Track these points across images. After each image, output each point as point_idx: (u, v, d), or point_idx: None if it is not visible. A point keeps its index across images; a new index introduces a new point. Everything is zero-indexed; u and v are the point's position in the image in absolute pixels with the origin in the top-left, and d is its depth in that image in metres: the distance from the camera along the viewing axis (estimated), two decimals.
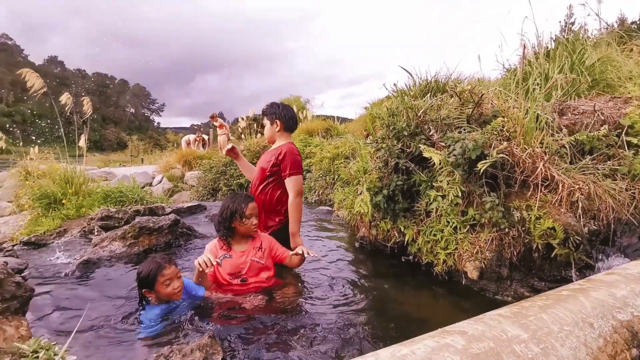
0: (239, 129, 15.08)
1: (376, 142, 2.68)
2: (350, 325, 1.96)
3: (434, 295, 2.43)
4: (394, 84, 2.71)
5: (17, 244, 4.31)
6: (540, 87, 3.08)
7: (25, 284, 1.83)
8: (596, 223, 2.30)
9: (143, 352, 1.71)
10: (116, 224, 4.29)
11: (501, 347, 0.86)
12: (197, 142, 15.03)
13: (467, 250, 2.34)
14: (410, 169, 2.57)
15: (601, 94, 3.40)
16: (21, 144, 9.77)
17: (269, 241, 2.49)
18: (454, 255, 2.42)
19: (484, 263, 2.30)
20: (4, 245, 4.23)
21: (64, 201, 5.84)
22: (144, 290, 1.96)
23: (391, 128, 2.60)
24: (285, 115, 2.72)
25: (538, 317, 1.01)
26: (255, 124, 14.95)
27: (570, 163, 2.57)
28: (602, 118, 2.77)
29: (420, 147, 2.43)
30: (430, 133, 2.50)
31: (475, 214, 2.31)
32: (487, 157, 2.19)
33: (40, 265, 3.08)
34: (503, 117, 2.36)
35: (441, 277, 2.54)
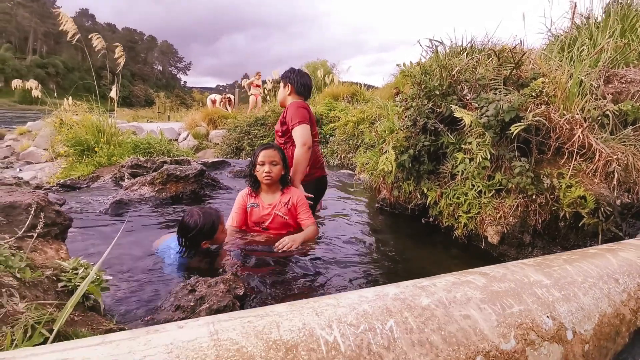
0: (265, 91, 15.00)
1: (405, 101, 2.60)
2: (367, 275, 2.01)
3: (452, 257, 2.45)
4: (430, 40, 2.57)
5: (54, 186, 4.54)
6: (587, 52, 2.88)
7: (64, 213, 1.94)
8: (630, 196, 2.21)
9: (170, 281, 1.81)
10: (144, 173, 4.45)
11: (522, 288, 0.86)
12: (222, 102, 15.07)
13: (490, 214, 2.31)
14: (439, 129, 2.51)
15: None
16: (55, 94, 10.07)
17: (297, 199, 2.43)
18: (475, 219, 2.40)
19: (506, 228, 2.27)
20: (43, 186, 4.49)
21: (96, 149, 6.07)
22: (204, 242, 2.01)
23: (423, 87, 2.51)
24: (297, 81, 2.75)
25: (562, 267, 1.00)
26: (265, 89, 14.86)
27: (611, 133, 2.44)
28: None
29: (451, 107, 2.36)
30: (464, 93, 2.40)
31: (502, 179, 2.26)
32: (522, 121, 2.11)
33: (76, 203, 3.26)
34: (544, 79, 2.23)
35: (460, 241, 2.54)
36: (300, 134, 2.48)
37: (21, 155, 11.07)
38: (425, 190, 2.64)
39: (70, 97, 9.71)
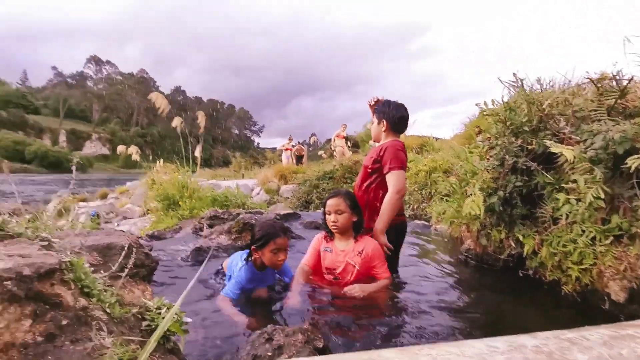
0: (332, 147, 15.53)
1: (489, 140, 2.42)
2: (459, 327, 1.74)
3: (562, 317, 2.04)
4: (514, 74, 2.42)
5: (143, 237, 4.95)
6: None
7: (152, 256, 2.04)
8: None
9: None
10: (222, 223, 4.66)
11: None
12: (296, 151, 15.86)
13: (610, 266, 1.92)
14: (532, 169, 2.25)
15: None
16: (151, 158, 11.49)
17: (372, 249, 2.24)
18: (591, 272, 2.01)
19: (635, 283, 1.85)
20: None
21: (180, 203, 6.60)
22: (253, 247, 2.05)
23: (508, 124, 2.33)
24: (393, 116, 2.54)
25: None
26: (348, 142, 15.32)
27: None
28: None
29: (546, 142, 2.12)
30: (560, 126, 2.16)
31: (622, 222, 1.90)
32: None
33: (160, 251, 3.46)
34: None
35: (572, 298, 2.13)
36: (397, 180, 2.32)
37: (120, 212, 12.49)
38: (521, 238, 2.32)
39: (162, 160, 10.96)
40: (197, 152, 7.39)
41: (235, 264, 2.13)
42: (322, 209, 2.34)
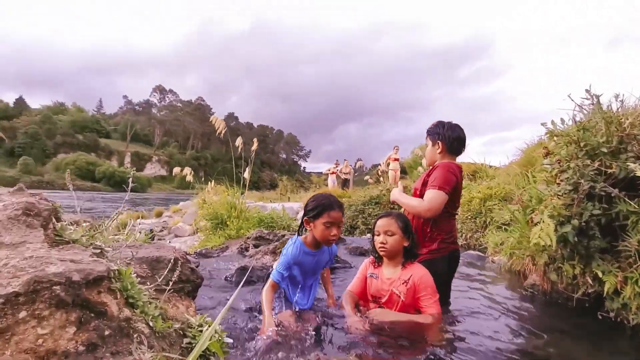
0: (380, 171, 15.34)
1: (559, 162, 2.19)
2: None
3: None
4: (587, 91, 2.19)
5: (192, 255, 5.08)
6: None
7: (198, 272, 2.03)
8: None
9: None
10: (267, 244, 4.66)
11: None
12: (336, 177, 15.85)
13: None
14: (613, 195, 1.99)
15: None
16: (203, 179, 12.08)
17: (420, 278, 2.03)
18: None
19: None
20: None
21: (228, 222, 6.76)
22: (305, 218, 1.97)
23: (582, 144, 2.10)
24: (449, 137, 2.35)
25: None
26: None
27: None
28: None
29: (629, 165, 1.87)
30: None
31: None
32: None
33: (206, 268, 3.50)
34: None
35: None
36: (433, 198, 2.14)
37: (172, 230, 13.09)
38: (600, 274, 2.02)
39: (213, 181, 11.45)
40: (246, 174, 7.60)
41: (286, 248, 2.04)
42: (371, 231, 2.22)
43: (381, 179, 15.13)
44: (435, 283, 2.08)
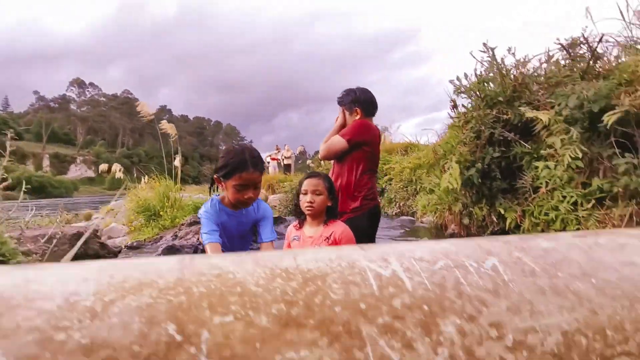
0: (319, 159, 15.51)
1: (465, 114, 2.35)
2: None
3: None
4: (484, 44, 2.36)
5: (122, 249, 4.73)
6: None
7: (110, 247, 1.89)
8: None
9: None
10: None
11: None
12: (277, 163, 15.77)
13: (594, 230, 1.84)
14: (509, 139, 2.18)
15: None
16: (135, 177, 11.27)
17: (341, 233, 2.07)
18: None
19: None
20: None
21: (161, 213, 6.39)
22: (215, 176, 1.63)
23: (483, 96, 2.26)
24: (364, 100, 2.39)
25: None
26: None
27: None
28: None
29: (521, 109, 2.05)
30: (533, 91, 2.10)
31: (603, 184, 1.82)
32: (616, 108, 1.73)
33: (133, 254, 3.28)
34: (636, 63, 1.88)
35: None
36: (331, 142, 2.17)
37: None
38: (502, 212, 2.23)
39: (147, 177, 10.71)
40: (177, 162, 7.23)
41: (203, 209, 1.73)
42: (297, 189, 2.18)
43: (322, 163, 15.32)
44: (358, 238, 2.12)
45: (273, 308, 0.29)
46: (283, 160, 16.25)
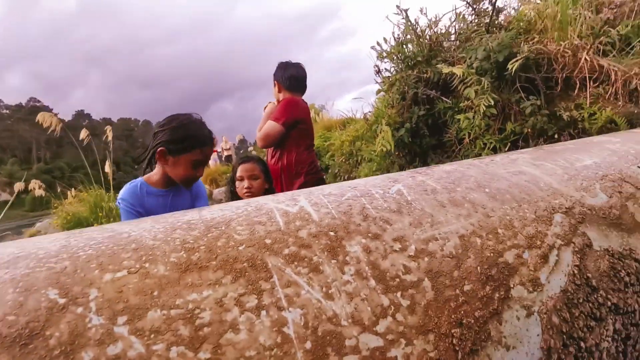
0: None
1: (389, 78, 2.42)
2: None
3: None
4: (397, 7, 2.43)
5: None
6: None
7: None
8: None
9: None
10: None
11: (588, 146, 0.59)
12: (217, 155, 15.32)
13: None
14: (432, 97, 2.29)
15: None
16: (60, 193, 10.18)
17: None
18: None
19: None
20: None
21: (95, 224, 5.93)
22: (161, 149, 1.34)
23: (402, 58, 2.34)
24: (282, 76, 2.40)
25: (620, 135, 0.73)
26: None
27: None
28: None
29: (438, 67, 2.16)
30: (447, 47, 2.22)
31: (514, 127, 2.00)
32: (518, 55, 1.90)
33: None
34: (529, 8, 2.05)
35: None
36: (265, 127, 2.17)
37: None
38: None
39: (73, 189, 9.78)
40: (107, 168, 6.71)
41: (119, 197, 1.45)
42: (231, 177, 2.13)
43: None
44: None
45: (172, 257, 0.28)
46: (223, 152, 15.77)
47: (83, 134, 7.11)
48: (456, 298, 0.32)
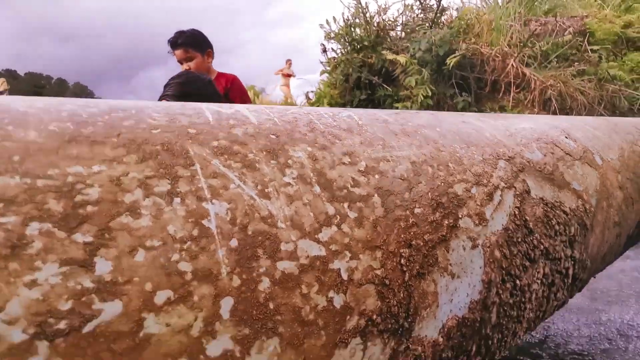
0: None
1: (334, 59, 2.40)
2: None
3: None
4: None
5: None
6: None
7: None
8: None
9: None
10: None
11: (519, 118, 0.62)
12: None
13: None
14: (374, 83, 2.33)
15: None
16: None
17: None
18: None
19: None
20: None
21: None
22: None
23: (350, 40, 2.33)
24: (210, 43, 2.17)
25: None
26: None
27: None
28: (565, 27, 2.68)
29: (383, 53, 2.19)
30: (393, 36, 2.26)
31: None
32: (456, 52, 2.00)
33: None
34: (469, 13, 2.17)
35: None
36: None
37: None
38: None
39: None
40: None
41: None
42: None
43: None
44: None
45: (52, 125, 0.21)
46: None
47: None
48: (406, 219, 0.29)
